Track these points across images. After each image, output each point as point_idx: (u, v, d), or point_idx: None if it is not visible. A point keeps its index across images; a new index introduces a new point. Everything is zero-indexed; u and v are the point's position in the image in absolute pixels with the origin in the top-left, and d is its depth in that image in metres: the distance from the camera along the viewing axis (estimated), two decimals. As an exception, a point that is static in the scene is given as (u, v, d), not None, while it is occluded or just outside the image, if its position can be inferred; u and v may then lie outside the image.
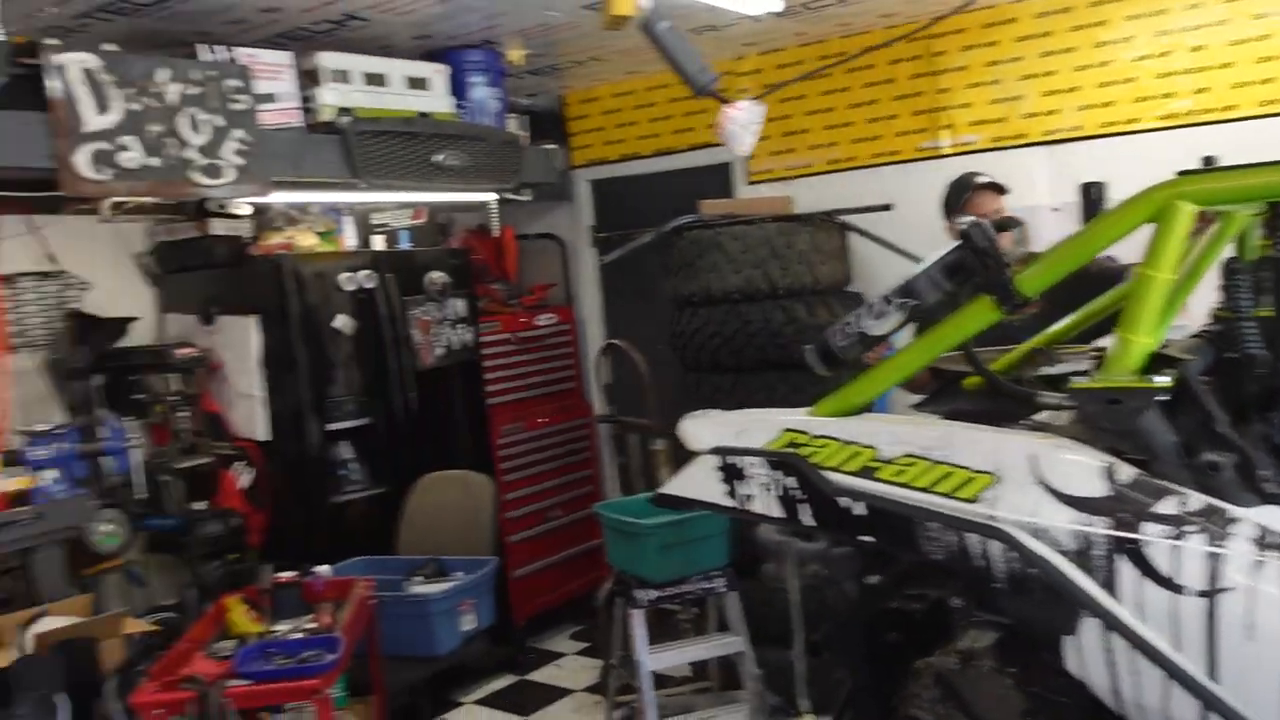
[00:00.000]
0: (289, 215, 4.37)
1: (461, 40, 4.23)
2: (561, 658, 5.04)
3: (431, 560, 3.93)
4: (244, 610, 3.26)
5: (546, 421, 5.35)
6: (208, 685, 2.73)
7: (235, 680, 2.81)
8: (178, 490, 4.13)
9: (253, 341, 4.16)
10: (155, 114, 3.25)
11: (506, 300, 5.39)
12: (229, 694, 2.75)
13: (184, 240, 4.36)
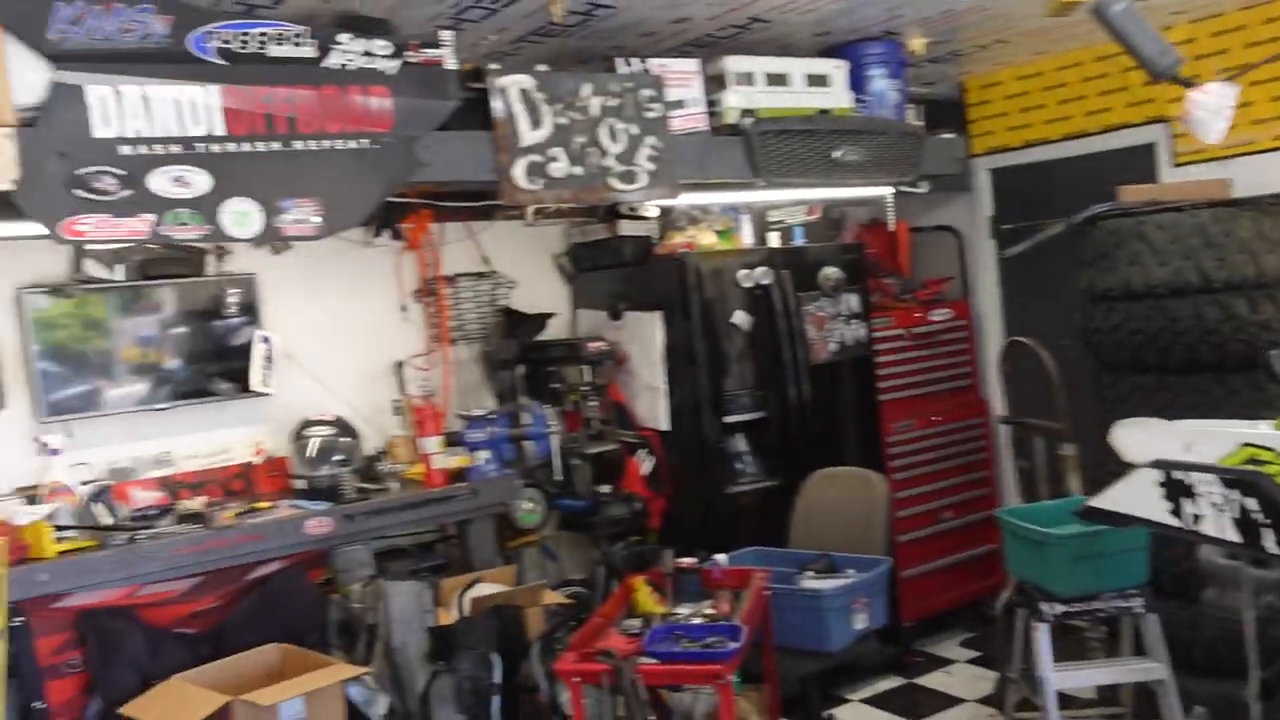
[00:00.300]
0: (691, 215, 4.56)
1: (861, 33, 4.20)
2: (951, 664, 4.87)
3: (823, 556, 3.94)
4: (648, 591, 3.43)
5: (940, 420, 5.18)
6: (621, 660, 2.91)
7: (645, 658, 2.97)
8: (586, 474, 4.45)
9: (657, 336, 4.39)
10: (579, 126, 3.51)
11: (900, 295, 5.28)
12: (640, 670, 2.91)
13: (596, 241, 4.69)
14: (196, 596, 3.50)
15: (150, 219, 2.89)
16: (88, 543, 3.35)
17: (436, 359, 4.58)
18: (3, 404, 3.74)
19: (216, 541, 3.43)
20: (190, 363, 4.04)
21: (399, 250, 4.50)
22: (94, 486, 3.65)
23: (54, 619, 3.25)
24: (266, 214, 3.04)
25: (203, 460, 4.05)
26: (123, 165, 2.84)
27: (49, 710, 3.24)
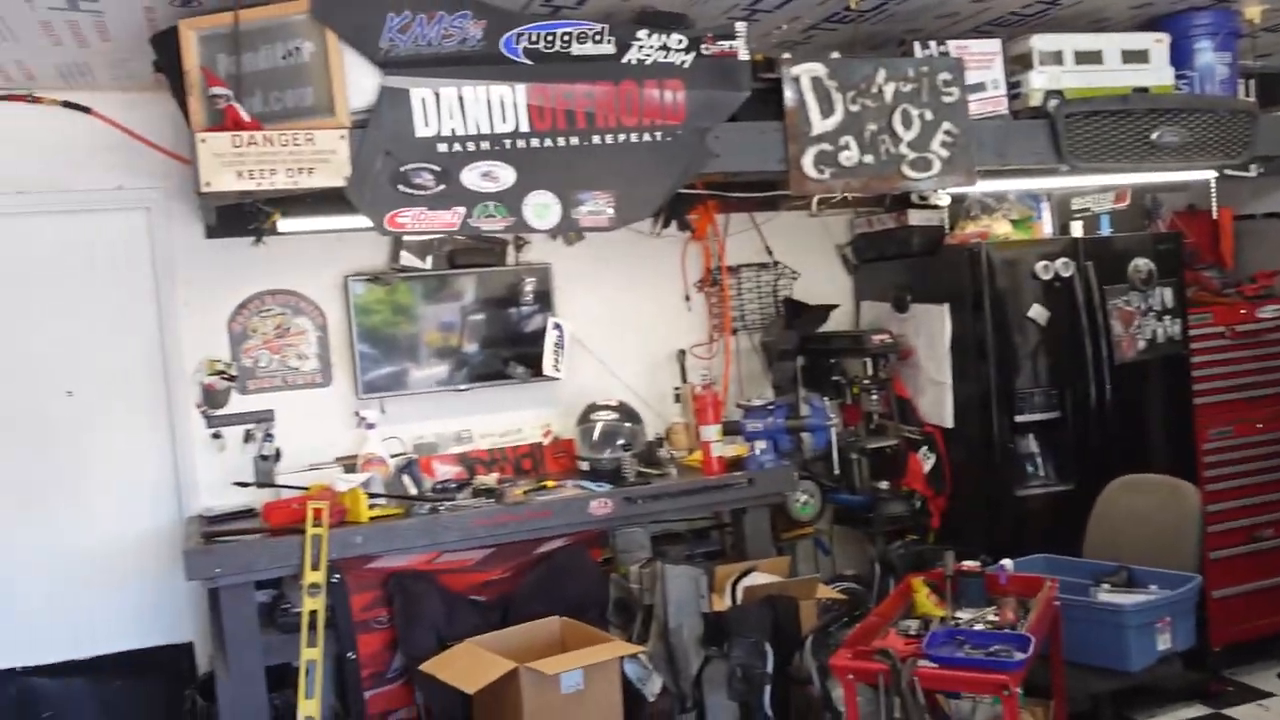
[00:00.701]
0: (985, 203, 4.35)
1: (1188, 3, 3.84)
2: (1268, 698, 4.41)
3: (1121, 568, 3.66)
4: (927, 593, 3.32)
5: (1264, 428, 4.68)
6: (900, 661, 2.83)
7: (924, 661, 2.87)
8: (865, 469, 4.36)
9: (945, 329, 4.23)
10: (872, 113, 3.42)
11: (1221, 289, 4.81)
12: (918, 673, 2.82)
13: (881, 231, 4.57)
14: (488, 567, 3.72)
15: (461, 211, 3.08)
16: (396, 510, 3.64)
17: (717, 348, 4.63)
18: (329, 381, 4.13)
19: (508, 516, 3.63)
20: (488, 347, 4.30)
21: (684, 241, 4.58)
22: (403, 459, 3.96)
23: (365, 578, 3.55)
24: (564, 206, 3.17)
25: (496, 439, 4.30)
26: (439, 162, 3.04)
27: (359, 661, 3.55)
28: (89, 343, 3.89)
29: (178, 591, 3.90)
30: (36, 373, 3.83)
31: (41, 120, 3.76)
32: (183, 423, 3.96)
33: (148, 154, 3.80)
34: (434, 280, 4.21)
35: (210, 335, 3.99)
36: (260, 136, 2.90)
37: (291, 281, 4.07)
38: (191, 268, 3.97)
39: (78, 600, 3.85)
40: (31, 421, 3.83)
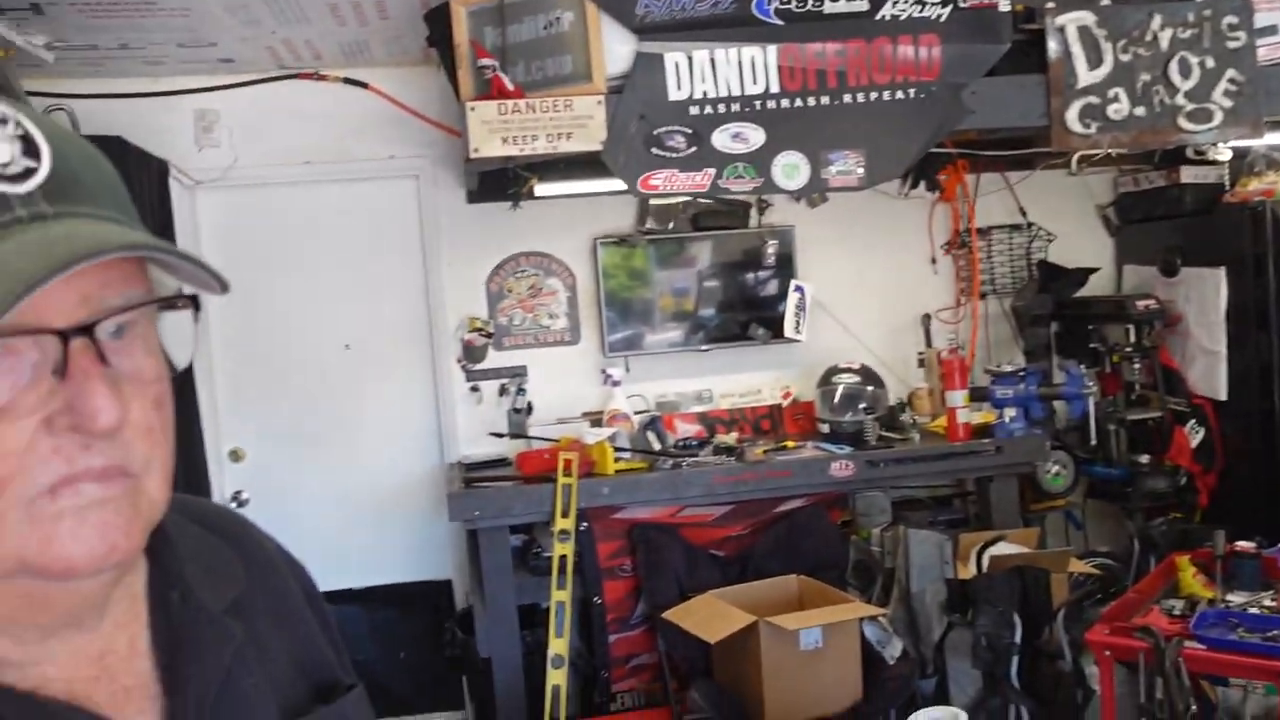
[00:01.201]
0: (1272, 158, 4.01)
1: None
2: None
3: None
4: (1194, 573, 3.13)
5: None
6: (1164, 640, 2.69)
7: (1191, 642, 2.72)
8: (1124, 441, 4.14)
9: (1220, 295, 3.94)
10: (1145, 62, 3.23)
11: None
12: (1185, 654, 2.68)
13: (1149, 190, 4.29)
14: (728, 523, 3.79)
15: (711, 173, 3.14)
16: (640, 464, 3.77)
17: (964, 313, 4.51)
18: (577, 339, 4.30)
19: (749, 474, 3.69)
20: (729, 309, 4.36)
21: (931, 202, 4.47)
22: (646, 416, 4.09)
23: (611, 528, 3.70)
24: (813, 166, 3.17)
25: (736, 399, 4.36)
26: (691, 124, 3.11)
27: (604, 605, 3.71)
28: (364, 301, 4.22)
29: (439, 532, 4.21)
30: (319, 328, 4.20)
31: (326, 96, 4.10)
32: (445, 376, 4.24)
33: (417, 125, 4.09)
34: (676, 243, 4.31)
35: (470, 294, 4.25)
36: (523, 104, 3.06)
37: (544, 244, 4.27)
38: (454, 231, 4.23)
39: (354, 536, 4.22)
40: (315, 373, 4.21)
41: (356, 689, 0.87)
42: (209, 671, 0.74)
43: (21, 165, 0.62)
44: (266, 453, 4.20)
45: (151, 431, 0.67)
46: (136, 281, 0.66)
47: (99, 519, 0.64)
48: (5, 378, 0.61)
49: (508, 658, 3.58)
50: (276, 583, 0.89)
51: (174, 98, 3.96)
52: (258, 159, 4.06)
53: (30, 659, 0.68)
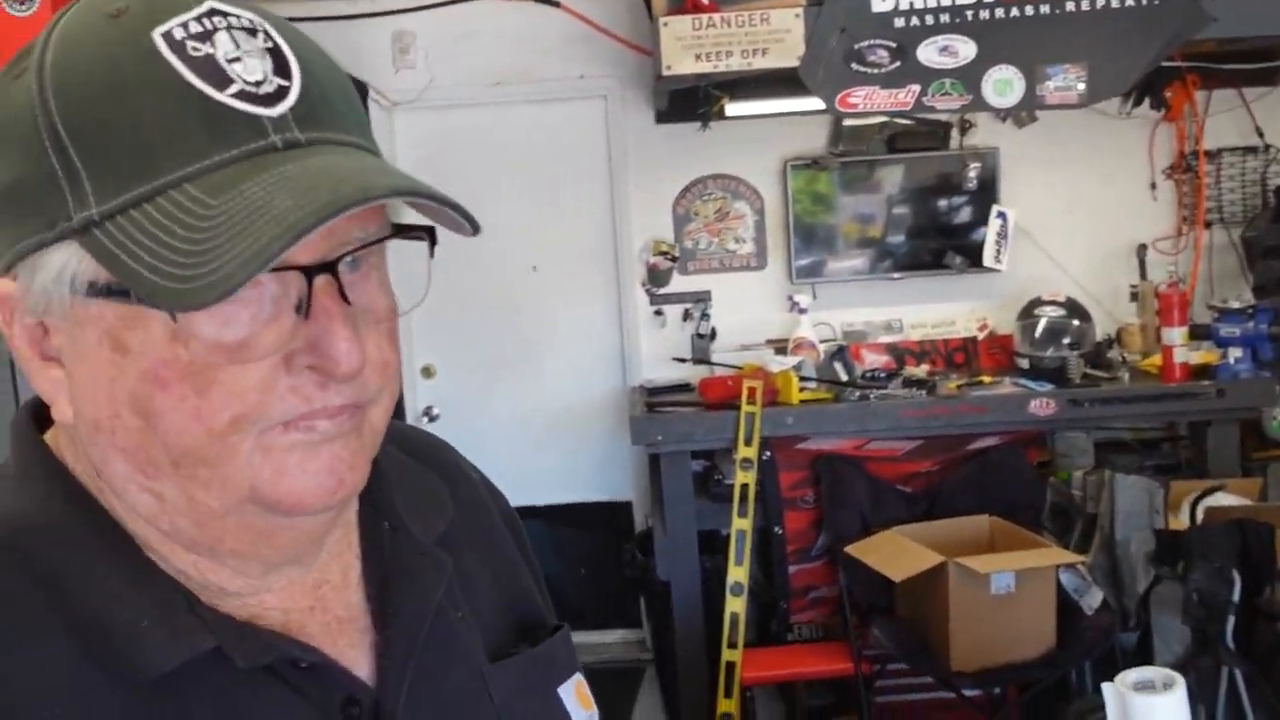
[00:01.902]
0: None
1: None
2: None
3: None
4: None
5: None
6: None
7: None
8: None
9: None
10: None
11: None
12: None
13: None
14: (916, 458, 3.66)
15: (915, 89, 2.97)
16: (825, 395, 3.68)
17: (1186, 243, 4.16)
18: (763, 264, 4.21)
19: (940, 409, 3.54)
20: (919, 236, 4.17)
21: (1154, 122, 4.11)
22: (833, 345, 3.98)
23: (794, 458, 3.63)
24: (1029, 81, 2.95)
25: (927, 330, 4.19)
26: (896, 37, 2.93)
27: (784, 536, 3.66)
28: (551, 223, 4.24)
29: (620, 454, 4.24)
30: (508, 249, 4.25)
31: (517, 16, 4.09)
32: (629, 299, 4.23)
33: (608, 44, 4.03)
34: (865, 166, 4.13)
35: (656, 217, 4.20)
36: (718, 18, 2.95)
37: (732, 166, 4.17)
38: (641, 153, 4.18)
39: (537, 455, 4.30)
40: (502, 295, 4.27)
41: (563, 630, 0.84)
42: (420, 605, 0.72)
43: (274, 84, 0.58)
44: (456, 370, 4.31)
45: (386, 366, 0.64)
46: (376, 214, 0.63)
47: (329, 453, 0.62)
48: (246, 310, 0.58)
49: (686, 582, 3.59)
50: (483, 515, 0.87)
51: (373, 19, 4.03)
52: (451, 80, 4.10)
53: (250, 590, 0.67)
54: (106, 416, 0.60)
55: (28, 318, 0.61)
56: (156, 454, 0.60)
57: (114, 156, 0.56)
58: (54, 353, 0.62)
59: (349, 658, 0.69)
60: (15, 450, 0.68)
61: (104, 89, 0.57)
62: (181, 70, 0.57)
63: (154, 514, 0.63)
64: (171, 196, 0.56)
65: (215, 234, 0.54)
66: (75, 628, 0.61)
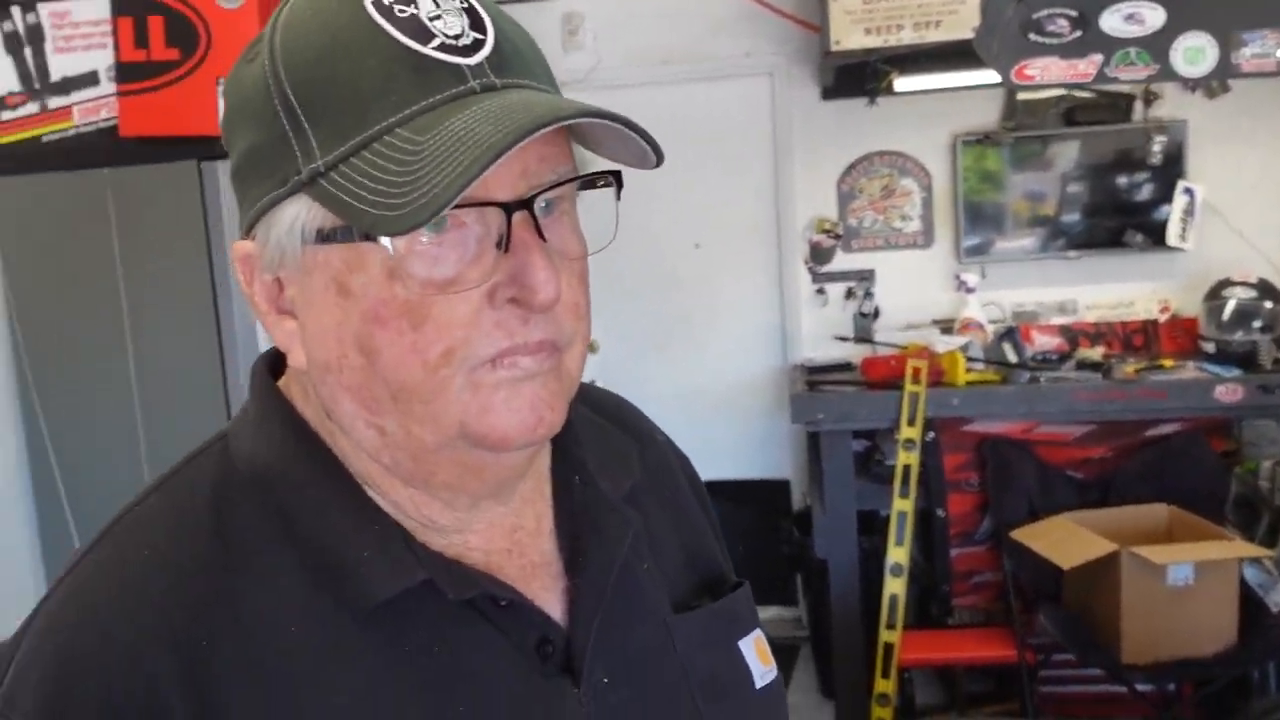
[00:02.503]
0: None
1: None
2: None
3: None
4: None
5: None
6: None
7: None
8: None
9: None
10: None
11: None
12: None
13: None
14: (1088, 443, 3.54)
15: (1097, 59, 2.84)
16: (993, 376, 3.59)
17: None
18: (930, 242, 4.12)
19: (1116, 393, 3.42)
20: (1096, 214, 4.00)
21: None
22: (1001, 326, 3.87)
23: (959, 440, 3.56)
24: (1223, 49, 2.78)
25: (1103, 311, 4.03)
26: (1077, 5, 2.81)
27: (948, 519, 3.60)
28: (714, 200, 4.26)
29: (780, 432, 4.25)
30: (670, 227, 4.30)
31: (685, -6, 4.11)
32: (791, 277, 4.22)
33: (774, 21, 4.01)
34: (1038, 142, 3.98)
35: (820, 194, 4.17)
36: (890, -9, 2.90)
37: (900, 142, 4.09)
38: (806, 129, 4.15)
39: (696, 430, 4.32)
40: (664, 271, 4.32)
41: (744, 586, 0.87)
42: (608, 555, 0.76)
43: (471, 37, 0.64)
44: (619, 345, 4.40)
45: (578, 307, 0.69)
46: (565, 158, 0.68)
47: (531, 391, 0.66)
48: (453, 250, 0.64)
49: (844, 561, 3.58)
50: (667, 476, 0.91)
51: (543, 2, 4.12)
52: (619, 60, 4.17)
53: (455, 526, 0.73)
54: (335, 357, 0.67)
55: (265, 274, 0.69)
56: (378, 390, 0.66)
57: (334, 112, 0.63)
58: (288, 306, 0.69)
59: (543, 600, 0.74)
60: (254, 396, 0.75)
61: (324, 53, 0.64)
62: (389, 29, 0.63)
63: (377, 449, 0.70)
64: (385, 140, 0.62)
65: (424, 164, 0.60)
66: (307, 557, 0.68)
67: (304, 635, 0.67)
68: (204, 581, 0.67)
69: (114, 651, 0.64)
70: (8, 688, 0.65)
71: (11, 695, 0.65)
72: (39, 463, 2.28)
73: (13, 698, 0.64)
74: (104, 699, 0.63)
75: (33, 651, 0.66)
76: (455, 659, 0.69)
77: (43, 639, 0.66)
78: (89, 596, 0.67)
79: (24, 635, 0.67)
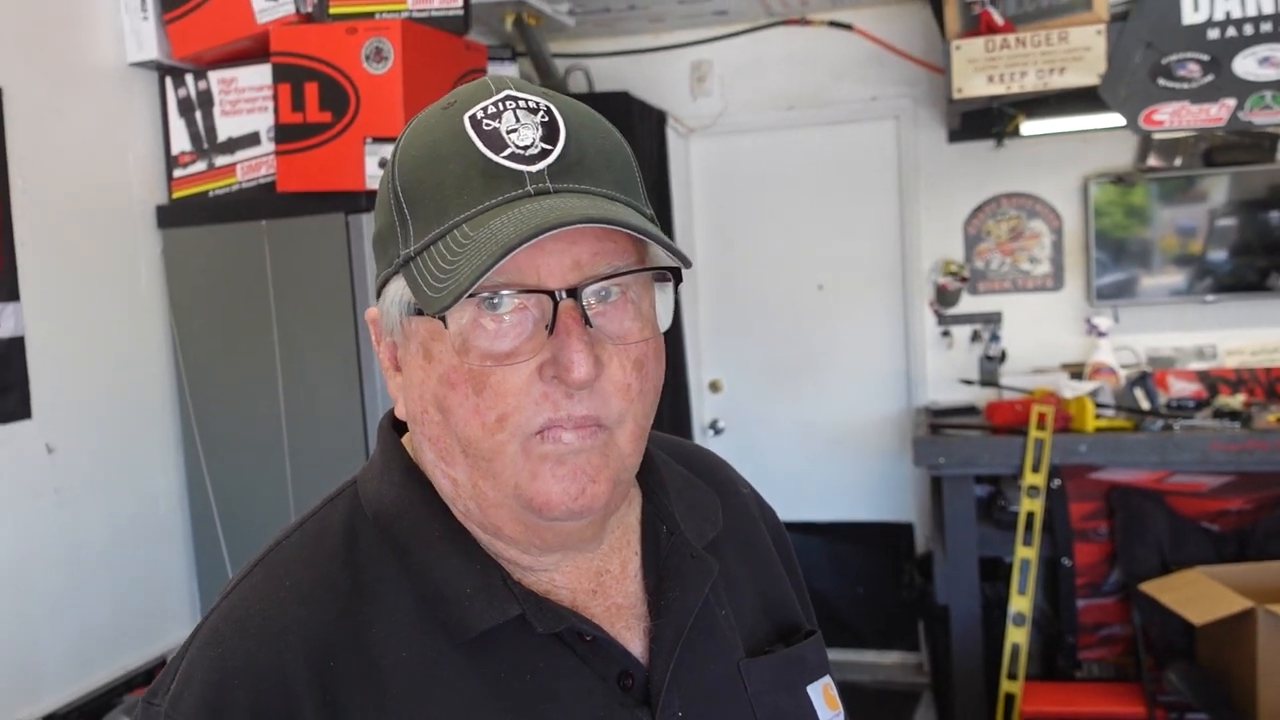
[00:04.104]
0: None
1: None
2: None
3: None
4: None
5: None
6: None
7: None
8: None
9: None
10: None
11: None
12: None
13: None
14: (1225, 495, 3.41)
15: (1230, 104, 2.79)
16: (1124, 423, 3.50)
17: None
18: (1060, 285, 4.06)
19: (1256, 443, 3.29)
20: (1239, 255, 3.87)
21: None
22: (1135, 371, 3.77)
23: (1086, 488, 3.48)
24: (1364, 92, 2.70)
25: (1245, 357, 3.89)
26: (1208, 50, 2.78)
27: (1074, 568, 3.52)
28: (838, 241, 4.30)
29: (902, 475, 4.23)
30: (793, 268, 4.35)
31: (809, 41, 4.18)
32: (916, 319, 4.21)
33: (900, 64, 4.04)
34: (1179, 180, 3.88)
35: (946, 237, 4.16)
36: (1013, 39, 2.92)
37: (1028, 184, 4.05)
38: (933, 172, 4.15)
39: (818, 470, 4.37)
40: (787, 311, 4.37)
41: (816, 635, 0.93)
42: (688, 600, 0.84)
43: (540, 148, 0.74)
44: (742, 385, 4.46)
45: (629, 389, 0.76)
46: (628, 253, 0.75)
47: (574, 464, 0.75)
48: (515, 328, 0.73)
49: (966, 608, 3.54)
50: (749, 526, 0.98)
51: (673, 51, 4.26)
52: (745, 106, 4.26)
53: (539, 566, 0.82)
54: (419, 411, 0.79)
55: (387, 337, 0.81)
56: (451, 444, 0.77)
57: (425, 207, 0.74)
58: (400, 364, 0.81)
59: (625, 638, 0.82)
60: (379, 447, 0.87)
61: (424, 157, 0.75)
62: (475, 140, 0.74)
63: (452, 497, 0.81)
64: (453, 234, 0.73)
65: (463, 256, 0.70)
66: (419, 589, 0.79)
67: (413, 656, 0.77)
68: (334, 607, 0.78)
69: (262, 664, 0.75)
70: (174, 691, 0.77)
71: (177, 697, 0.76)
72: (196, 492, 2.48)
73: (178, 700, 0.76)
74: (253, 703, 0.74)
75: (195, 661, 0.78)
76: (543, 685, 0.77)
77: (203, 651, 0.78)
78: (243, 617, 0.79)
79: (189, 647, 0.80)
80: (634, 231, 0.71)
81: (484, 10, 3.28)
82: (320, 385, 2.32)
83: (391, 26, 2.29)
